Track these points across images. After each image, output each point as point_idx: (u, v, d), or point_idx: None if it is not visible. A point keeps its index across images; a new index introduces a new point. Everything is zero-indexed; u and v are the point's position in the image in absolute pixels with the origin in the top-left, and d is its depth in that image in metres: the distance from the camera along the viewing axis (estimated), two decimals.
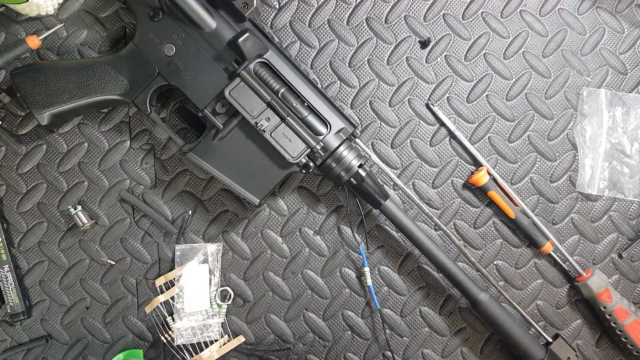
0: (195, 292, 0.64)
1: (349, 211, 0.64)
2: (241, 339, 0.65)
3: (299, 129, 0.57)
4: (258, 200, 0.60)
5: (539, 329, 0.63)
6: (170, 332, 0.64)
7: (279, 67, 0.58)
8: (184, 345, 0.64)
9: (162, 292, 0.64)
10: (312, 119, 0.58)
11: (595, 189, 0.66)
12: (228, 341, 0.64)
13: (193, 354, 0.64)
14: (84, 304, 0.65)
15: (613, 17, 0.66)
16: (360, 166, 0.59)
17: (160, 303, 0.64)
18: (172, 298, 0.64)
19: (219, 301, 0.65)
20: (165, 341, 0.64)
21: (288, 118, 0.57)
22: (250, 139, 0.59)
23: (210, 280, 0.64)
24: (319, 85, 0.65)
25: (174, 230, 0.65)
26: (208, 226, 0.66)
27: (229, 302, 0.65)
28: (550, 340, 0.64)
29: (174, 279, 0.64)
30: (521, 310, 0.63)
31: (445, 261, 0.61)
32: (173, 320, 0.64)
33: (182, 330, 0.64)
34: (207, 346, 0.64)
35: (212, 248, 0.65)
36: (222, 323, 0.65)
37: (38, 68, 0.59)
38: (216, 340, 0.64)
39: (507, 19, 0.66)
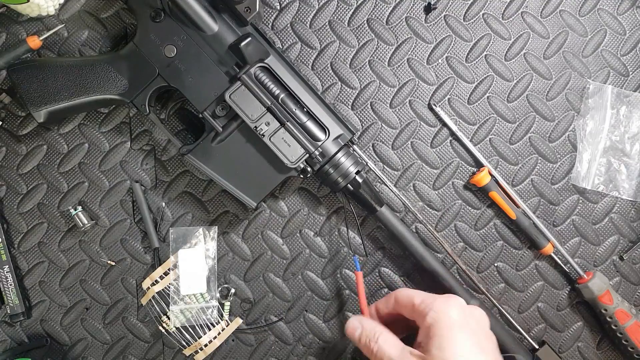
0: (191, 276, 0.63)
1: (356, 217, 0.64)
2: (239, 321, 0.64)
3: (298, 134, 0.57)
4: (255, 204, 0.60)
5: (526, 335, 0.64)
6: (167, 322, 0.64)
7: (280, 72, 0.58)
8: (182, 333, 0.64)
9: (156, 284, 0.64)
10: (311, 125, 0.59)
11: (590, 184, 0.65)
12: (227, 326, 0.64)
13: (191, 341, 0.64)
14: (83, 304, 0.65)
15: (614, 19, 0.66)
16: (357, 173, 0.59)
17: (156, 293, 0.64)
18: (168, 286, 0.64)
19: (220, 298, 0.64)
20: (163, 331, 0.64)
21: (287, 123, 0.57)
22: (249, 143, 0.59)
23: (206, 263, 0.64)
24: (319, 90, 0.65)
25: (155, 245, 0.64)
26: (208, 227, 0.66)
27: (231, 298, 0.65)
28: (537, 347, 0.64)
29: (169, 269, 0.64)
30: (509, 317, 0.64)
31: (438, 269, 0.61)
32: (170, 309, 0.64)
33: (179, 314, 0.63)
34: (204, 332, 0.64)
35: (207, 231, 0.65)
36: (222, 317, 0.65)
37: (36, 65, 0.59)
38: (214, 326, 0.64)
39: (508, 21, 0.66)
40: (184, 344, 0.64)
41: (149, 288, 0.64)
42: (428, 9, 0.65)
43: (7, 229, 0.65)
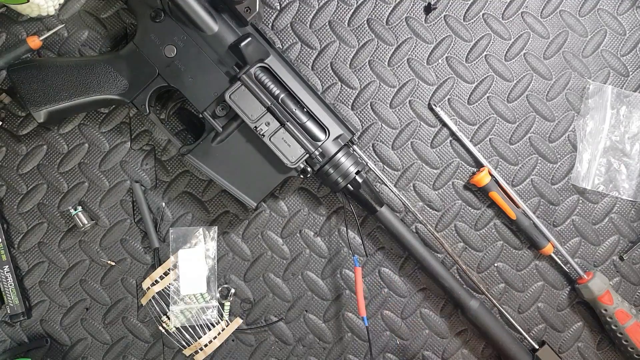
0: (191, 276, 0.64)
1: (356, 217, 0.64)
2: (239, 321, 0.64)
3: (298, 135, 0.57)
4: (255, 204, 0.60)
5: (526, 335, 0.65)
6: (167, 322, 0.64)
7: (280, 72, 0.58)
8: (182, 333, 0.64)
9: (156, 284, 0.64)
10: (311, 125, 0.59)
11: (590, 184, 0.65)
12: (227, 326, 0.64)
13: (191, 342, 0.64)
14: (83, 304, 0.65)
15: (614, 19, 0.66)
16: (357, 173, 0.59)
17: (156, 293, 0.64)
18: (168, 287, 0.64)
19: (220, 298, 0.64)
20: (163, 331, 0.64)
21: (287, 123, 0.57)
22: (249, 143, 0.59)
23: (206, 263, 0.64)
24: (319, 90, 0.65)
25: (155, 245, 0.64)
26: (208, 227, 0.65)
27: (231, 298, 0.65)
28: (537, 347, 0.64)
29: (169, 269, 0.64)
30: (509, 317, 0.64)
31: (438, 269, 0.61)
32: (170, 309, 0.64)
33: (179, 314, 0.63)
34: (204, 332, 0.64)
35: (207, 231, 0.65)
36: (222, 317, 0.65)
37: (36, 65, 0.59)
38: (214, 326, 0.64)
39: (508, 21, 0.66)
40: (184, 344, 0.64)
41: (149, 288, 0.64)
42: (428, 9, 0.65)
43: (7, 229, 0.65)
